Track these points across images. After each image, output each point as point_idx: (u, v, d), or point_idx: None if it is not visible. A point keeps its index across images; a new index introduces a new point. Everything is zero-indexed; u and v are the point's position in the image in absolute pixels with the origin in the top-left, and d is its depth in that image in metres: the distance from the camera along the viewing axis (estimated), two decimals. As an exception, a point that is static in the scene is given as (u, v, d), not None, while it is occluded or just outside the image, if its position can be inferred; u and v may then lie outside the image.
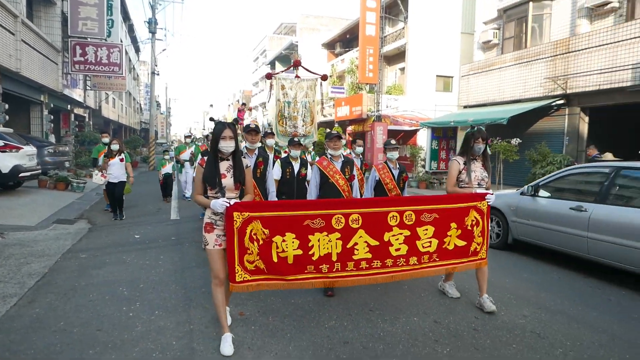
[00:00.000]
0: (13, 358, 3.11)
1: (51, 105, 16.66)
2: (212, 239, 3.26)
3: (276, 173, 5.24)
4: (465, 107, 16.88)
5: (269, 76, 8.56)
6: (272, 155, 5.68)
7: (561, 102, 12.94)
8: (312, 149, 8.38)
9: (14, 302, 4.10)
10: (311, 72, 8.19)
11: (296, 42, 31.42)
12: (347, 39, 27.25)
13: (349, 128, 22.72)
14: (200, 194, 3.33)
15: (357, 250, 3.58)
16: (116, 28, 20.37)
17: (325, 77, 8.29)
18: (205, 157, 3.35)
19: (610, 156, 9.64)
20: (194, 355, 3.20)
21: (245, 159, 3.45)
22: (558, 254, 5.90)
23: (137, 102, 46.04)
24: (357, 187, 4.91)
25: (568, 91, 12.47)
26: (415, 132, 20.10)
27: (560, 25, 13.30)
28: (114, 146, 8.36)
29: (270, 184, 4.92)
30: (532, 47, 13.85)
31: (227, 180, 3.27)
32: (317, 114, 8.34)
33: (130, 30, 31.55)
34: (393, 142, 5.06)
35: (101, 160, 8.73)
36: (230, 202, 3.17)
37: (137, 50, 38.01)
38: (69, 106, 19.33)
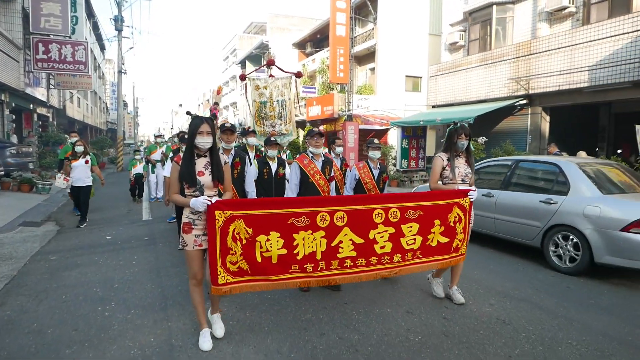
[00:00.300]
0: (-14, 360, 3.06)
1: (12, 105, 16.01)
2: (191, 240, 3.14)
3: (253, 173, 5.10)
4: (433, 106, 17.30)
5: (242, 77, 8.49)
6: (253, 153, 5.62)
7: (524, 102, 13.49)
8: (286, 148, 8.40)
9: (-18, 305, 4.00)
10: (285, 72, 8.21)
11: (267, 41, 31.27)
12: (317, 39, 27.37)
13: (321, 128, 22.85)
14: (177, 192, 3.19)
15: (342, 248, 3.54)
16: (80, 25, 19.77)
17: (299, 74, 8.23)
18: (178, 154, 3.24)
19: (584, 154, 9.66)
20: (172, 350, 3.22)
21: (223, 156, 3.39)
22: (522, 246, 6.23)
23: (104, 102, 44.67)
24: (335, 187, 4.84)
25: (530, 92, 13.01)
26: (386, 131, 20.43)
27: (523, 28, 13.86)
28: (79, 148, 7.93)
29: (249, 184, 4.75)
30: (496, 49, 14.35)
31: (205, 178, 3.15)
32: (294, 111, 8.34)
33: (95, 28, 30.59)
34: (376, 141, 5.04)
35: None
36: (212, 200, 3.07)
37: (103, 48, 36.92)
38: (32, 105, 18.60)
